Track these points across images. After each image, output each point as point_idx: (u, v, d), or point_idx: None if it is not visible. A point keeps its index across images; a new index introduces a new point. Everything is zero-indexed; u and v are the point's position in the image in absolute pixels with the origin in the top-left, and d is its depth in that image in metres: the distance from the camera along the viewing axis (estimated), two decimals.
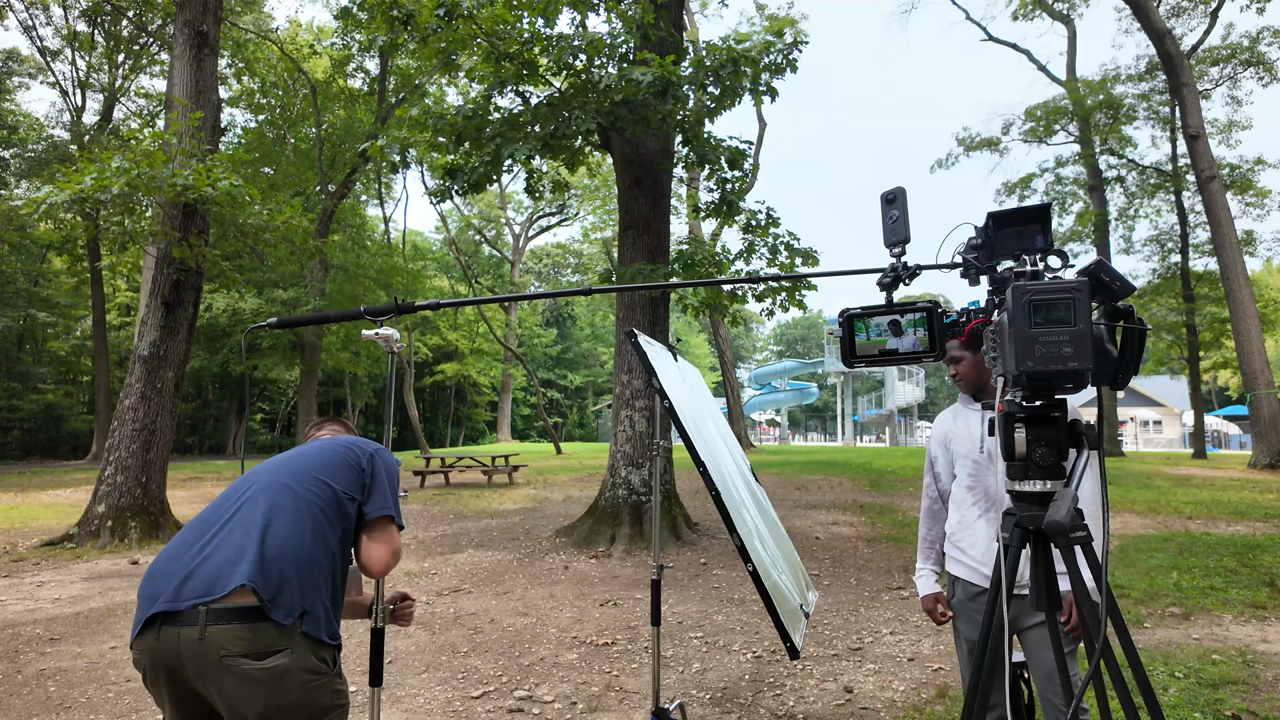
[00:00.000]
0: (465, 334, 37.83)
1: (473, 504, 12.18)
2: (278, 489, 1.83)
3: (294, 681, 1.64)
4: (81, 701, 3.84)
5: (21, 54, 26.82)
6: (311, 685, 1.67)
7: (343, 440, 2.02)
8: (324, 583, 1.75)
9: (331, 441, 2.02)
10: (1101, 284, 1.34)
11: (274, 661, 1.61)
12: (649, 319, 8.75)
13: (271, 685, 1.61)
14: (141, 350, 8.97)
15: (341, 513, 1.85)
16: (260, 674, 1.60)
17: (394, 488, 1.97)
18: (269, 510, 1.77)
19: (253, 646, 1.60)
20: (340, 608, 1.86)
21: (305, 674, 1.66)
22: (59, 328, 30.05)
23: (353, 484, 1.90)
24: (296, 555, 1.72)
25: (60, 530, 8.91)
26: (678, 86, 7.29)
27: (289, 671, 1.63)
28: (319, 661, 1.69)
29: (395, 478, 1.99)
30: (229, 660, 1.60)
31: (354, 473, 1.92)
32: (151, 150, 8.40)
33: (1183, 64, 18.13)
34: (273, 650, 1.62)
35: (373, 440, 2.14)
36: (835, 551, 7.88)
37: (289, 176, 23.56)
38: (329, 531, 1.80)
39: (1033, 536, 1.43)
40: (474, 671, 4.30)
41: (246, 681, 1.60)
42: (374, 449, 2.02)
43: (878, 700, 3.79)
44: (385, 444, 2.16)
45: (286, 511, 1.78)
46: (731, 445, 3.48)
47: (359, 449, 1.99)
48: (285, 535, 1.73)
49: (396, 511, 1.94)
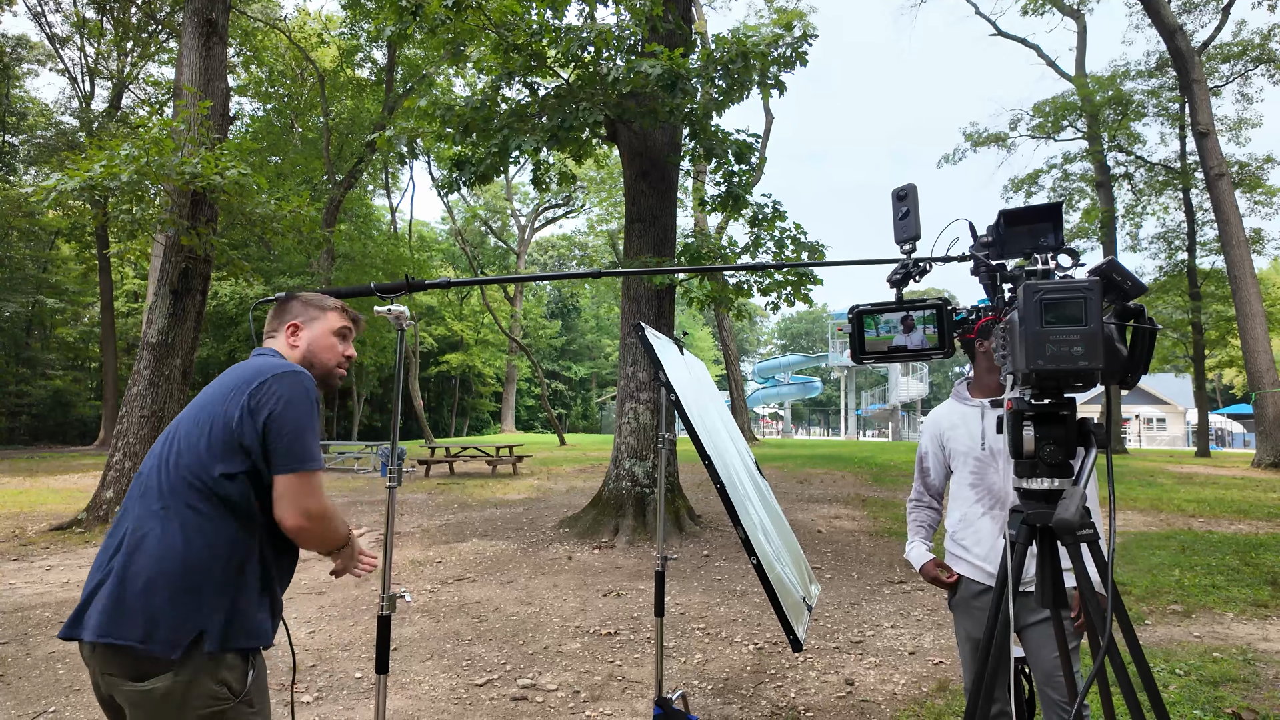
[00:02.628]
0: (471, 324, 37.88)
1: (477, 494, 12.23)
2: (149, 494, 1.59)
3: (179, 705, 1.48)
4: (89, 685, 3.88)
5: (30, 40, 26.88)
6: (208, 713, 1.50)
7: (229, 383, 1.65)
8: (229, 588, 1.55)
9: (215, 392, 1.66)
10: (1113, 283, 1.35)
11: (154, 684, 1.47)
12: (654, 312, 8.75)
13: (154, 709, 1.47)
14: (150, 337, 9.02)
15: (227, 502, 1.57)
16: (139, 697, 1.47)
17: (297, 429, 1.59)
18: (136, 528, 1.55)
19: (133, 671, 1.48)
20: (270, 595, 1.65)
21: (200, 699, 1.49)
22: (67, 314, 30.19)
23: (231, 457, 1.57)
24: (172, 580, 1.50)
25: (69, 515, 8.98)
26: (686, 79, 7.27)
27: (171, 694, 1.47)
28: (218, 685, 1.51)
29: (300, 413, 1.61)
30: (110, 679, 1.50)
31: (227, 442, 1.58)
32: (160, 138, 8.42)
33: (1193, 60, 17.99)
34: (153, 674, 1.47)
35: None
36: (837, 545, 7.90)
37: (296, 166, 23.58)
38: (219, 529, 1.56)
39: (1039, 534, 1.44)
40: (478, 659, 4.33)
41: (130, 703, 1.50)
42: (258, 387, 1.61)
43: (879, 693, 3.81)
44: (393, 432, 2.14)
45: (156, 525, 1.54)
46: (736, 438, 3.50)
47: (238, 398, 1.60)
48: (157, 557, 1.51)
49: (301, 458, 1.58)
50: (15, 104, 26.28)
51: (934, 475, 2.55)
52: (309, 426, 1.62)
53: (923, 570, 2.47)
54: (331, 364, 1.89)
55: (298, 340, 1.86)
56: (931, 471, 2.56)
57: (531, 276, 2.49)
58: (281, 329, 1.87)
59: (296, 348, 1.85)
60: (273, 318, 1.90)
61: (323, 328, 1.88)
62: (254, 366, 1.67)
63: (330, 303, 1.92)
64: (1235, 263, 16.98)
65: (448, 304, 37.08)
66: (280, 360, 1.73)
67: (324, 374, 1.88)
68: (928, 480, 2.57)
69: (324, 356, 1.88)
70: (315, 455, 1.62)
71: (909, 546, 2.57)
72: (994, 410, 2.36)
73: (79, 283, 29.26)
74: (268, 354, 1.79)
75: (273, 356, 1.77)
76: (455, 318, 37.20)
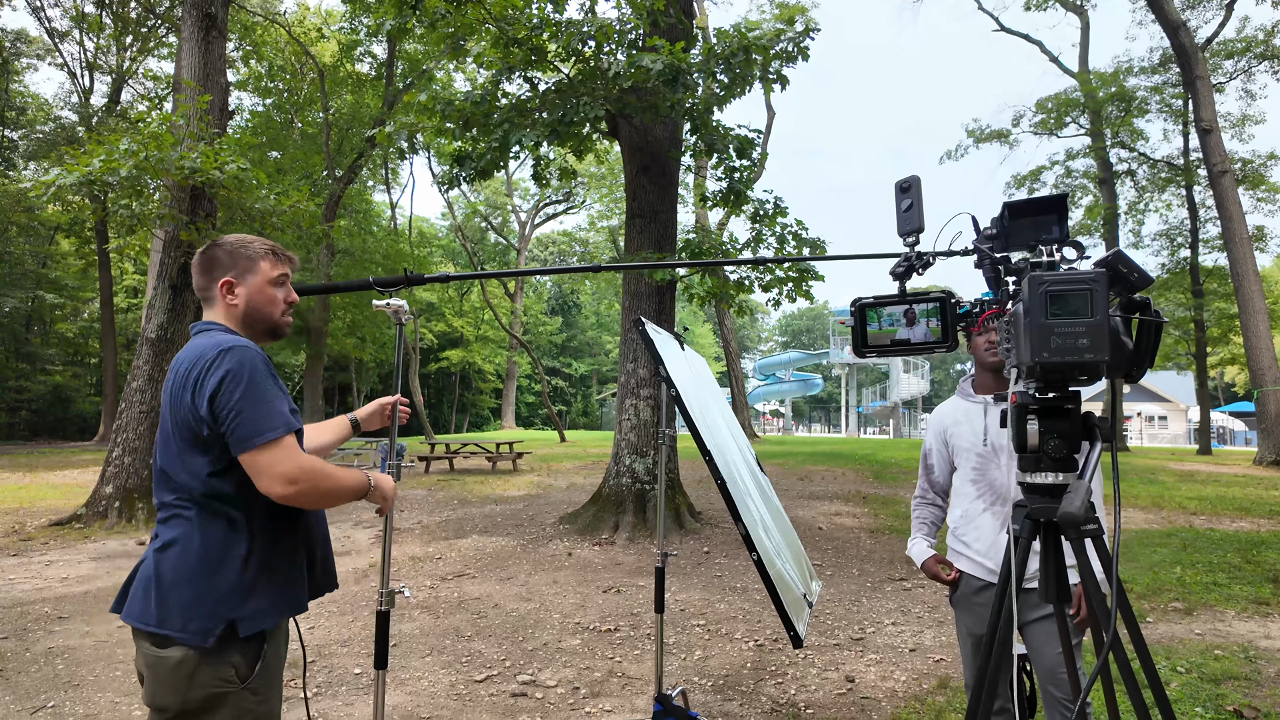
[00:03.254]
0: (471, 321, 37.86)
1: (477, 490, 12.22)
2: (159, 489, 1.65)
3: (189, 676, 1.54)
4: (89, 679, 3.88)
5: (30, 35, 26.84)
6: (213, 693, 1.55)
7: (176, 383, 1.61)
8: (235, 578, 1.58)
9: (168, 398, 1.63)
10: (1119, 275, 1.33)
11: (170, 652, 1.54)
12: (655, 307, 8.73)
13: (167, 675, 1.54)
14: (149, 333, 9.01)
15: (222, 496, 1.59)
16: (155, 660, 1.55)
17: (242, 404, 1.54)
18: (157, 531, 1.64)
19: (157, 639, 1.57)
20: (278, 578, 1.65)
21: (207, 677, 1.55)
22: (67, 309, 30.18)
23: (206, 453, 1.58)
24: (195, 581, 1.56)
25: (68, 511, 8.97)
26: (687, 74, 7.24)
27: (183, 664, 1.54)
28: (225, 668, 1.57)
29: (242, 388, 1.55)
30: (139, 643, 1.60)
31: (193, 441, 1.58)
32: (159, 133, 8.39)
33: (1197, 57, 17.94)
34: (171, 644, 1.55)
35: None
36: (838, 542, 7.89)
37: (296, 161, 23.54)
38: (223, 523, 1.59)
39: (1043, 529, 1.42)
40: (478, 655, 4.32)
41: (146, 665, 1.57)
42: (197, 379, 1.57)
43: (879, 690, 3.80)
44: (392, 428, 2.11)
45: (168, 529, 1.61)
46: (737, 435, 3.48)
47: (183, 396, 1.58)
48: (176, 561, 1.57)
49: (255, 432, 1.54)
50: (15, 99, 26.25)
51: (938, 472, 2.54)
52: (257, 397, 1.56)
53: (924, 566, 2.46)
54: (275, 315, 1.78)
55: (235, 298, 1.73)
56: (936, 468, 2.54)
57: (531, 271, 2.46)
58: (214, 288, 1.73)
59: (235, 306, 1.73)
60: (201, 274, 1.74)
61: (258, 280, 1.75)
62: (190, 357, 1.62)
63: (258, 247, 1.77)
64: (1238, 260, 16.95)
65: (448, 300, 37.06)
66: (214, 338, 1.64)
67: (270, 327, 1.78)
68: (932, 477, 2.56)
69: (266, 310, 1.77)
70: (272, 424, 1.56)
71: (911, 543, 2.56)
72: (997, 406, 2.34)
73: (78, 278, 29.24)
74: (206, 328, 1.70)
75: (211, 332, 1.68)
76: (455, 314, 37.18)
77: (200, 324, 1.73)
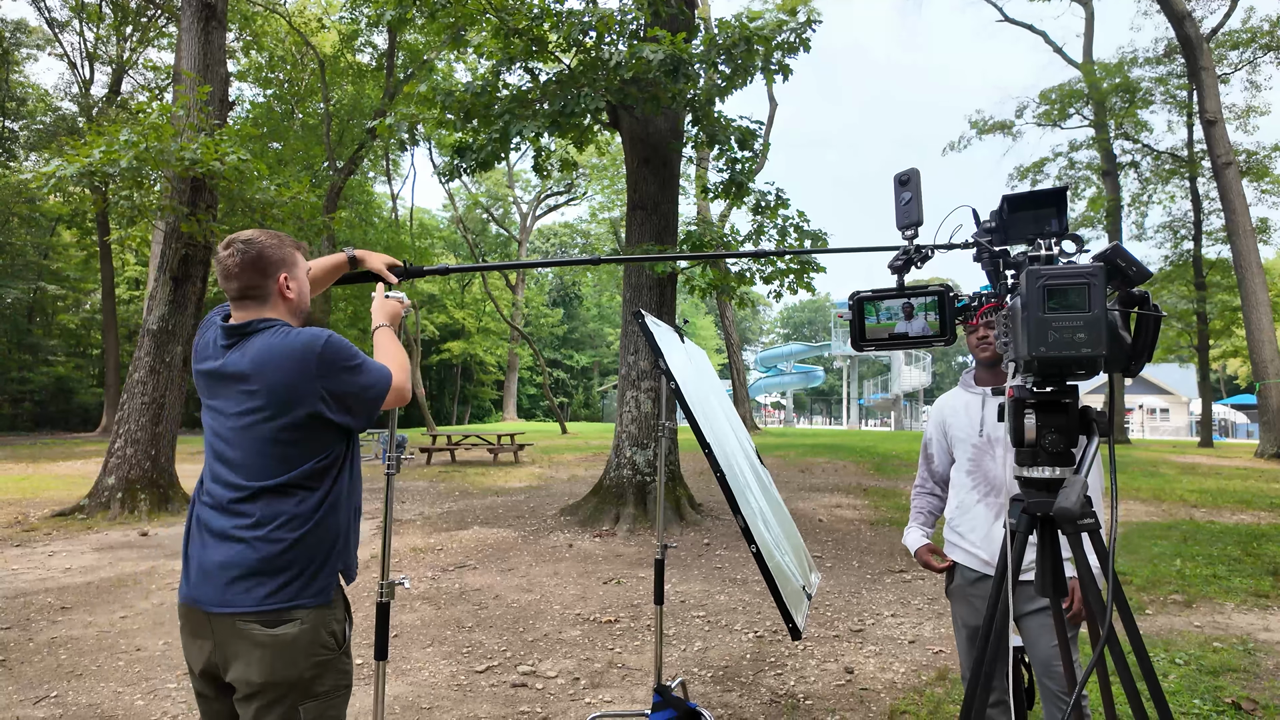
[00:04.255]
0: (472, 313, 37.84)
1: (478, 481, 12.25)
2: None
3: (306, 646, 1.67)
4: (92, 669, 3.90)
5: (29, 25, 26.72)
6: (319, 660, 1.70)
7: (289, 367, 1.67)
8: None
9: (276, 379, 1.67)
10: (1117, 269, 1.32)
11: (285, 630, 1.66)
12: (656, 300, 8.72)
13: (281, 651, 1.65)
14: (150, 324, 9.01)
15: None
16: (269, 640, 1.67)
17: (354, 378, 1.71)
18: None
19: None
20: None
21: (314, 647, 1.69)
22: (69, 301, 30.20)
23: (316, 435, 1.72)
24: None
25: (71, 501, 9.00)
26: (689, 65, 7.20)
27: (299, 639, 1.66)
28: (328, 636, 1.72)
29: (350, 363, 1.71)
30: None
31: (309, 425, 1.69)
32: (159, 124, 8.37)
33: (1202, 47, 17.82)
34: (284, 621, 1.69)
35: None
36: (838, 534, 7.91)
37: (297, 152, 23.47)
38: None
39: (1040, 523, 1.42)
40: (478, 646, 4.34)
41: (257, 644, 1.68)
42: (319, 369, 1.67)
43: (878, 681, 3.82)
44: (392, 420, 2.14)
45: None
46: (737, 427, 3.48)
47: (310, 385, 1.66)
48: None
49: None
50: (15, 89, 26.17)
51: (938, 462, 2.55)
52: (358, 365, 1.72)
53: (916, 555, 2.49)
54: (308, 301, 1.89)
55: (291, 292, 1.80)
56: (935, 458, 2.55)
57: (531, 264, 2.46)
58: (272, 284, 1.76)
59: (292, 300, 1.80)
60: (254, 274, 1.74)
61: (301, 274, 1.85)
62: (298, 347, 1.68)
63: (289, 241, 1.84)
64: (1241, 252, 16.89)
65: (449, 292, 37.02)
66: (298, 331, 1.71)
67: (308, 315, 1.89)
68: (932, 466, 2.57)
69: (307, 299, 1.88)
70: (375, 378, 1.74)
71: (907, 531, 2.57)
72: (995, 398, 2.34)
73: (80, 269, 29.24)
74: (270, 325, 1.72)
75: (278, 326, 1.71)
76: (457, 306, 37.16)
77: (264, 320, 1.73)
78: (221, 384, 1.70)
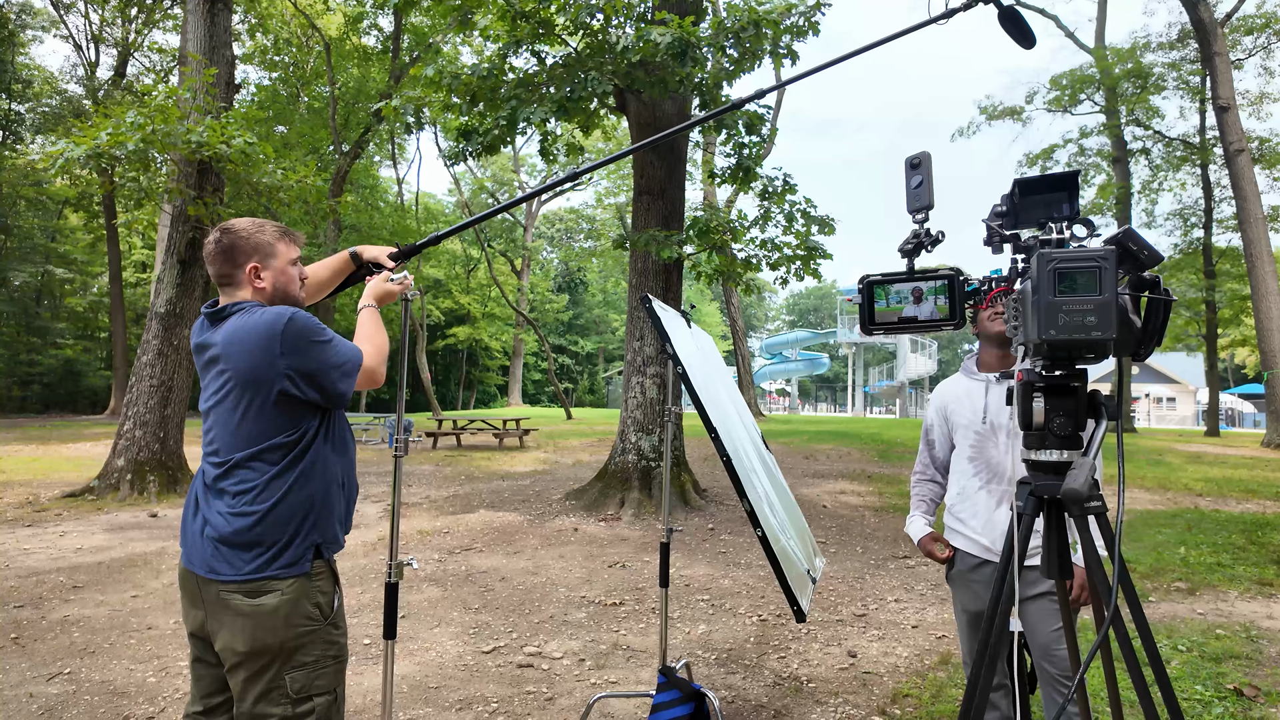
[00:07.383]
0: (478, 298, 37.84)
1: (484, 466, 12.31)
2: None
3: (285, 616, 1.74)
4: (105, 647, 3.96)
5: (35, 7, 26.64)
6: (302, 631, 1.76)
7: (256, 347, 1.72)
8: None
9: (244, 360, 1.73)
10: (1129, 253, 1.32)
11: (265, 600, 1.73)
12: (661, 285, 8.71)
13: (262, 620, 1.70)
14: (158, 307, 9.05)
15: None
16: (250, 609, 1.73)
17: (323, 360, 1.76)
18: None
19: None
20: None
21: (298, 618, 1.74)
22: (76, 284, 30.31)
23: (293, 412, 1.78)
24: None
25: (81, 483, 9.09)
26: (697, 48, 7.15)
27: (278, 609, 1.72)
28: (312, 607, 1.78)
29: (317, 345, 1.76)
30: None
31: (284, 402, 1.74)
32: (165, 106, 8.36)
33: (1216, 32, 17.60)
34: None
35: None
36: (842, 520, 7.93)
37: (303, 135, 23.44)
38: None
39: (1047, 506, 1.43)
40: (485, 627, 4.39)
41: (239, 614, 1.77)
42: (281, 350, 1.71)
43: (881, 665, 3.84)
44: (399, 404, 2.14)
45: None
46: (743, 413, 3.49)
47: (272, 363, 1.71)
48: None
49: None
50: (20, 71, 26.13)
51: (939, 448, 2.54)
52: (325, 343, 1.76)
53: (920, 544, 2.48)
54: (296, 293, 1.91)
55: (263, 282, 1.84)
56: (936, 444, 2.54)
57: (514, 201, 2.36)
58: (240, 273, 1.82)
59: (264, 289, 1.84)
60: (223, 262, 1.81)
61: (279, 263, 1.86)
62: (259, 328, 1.71)
63: (272, 231, 1.86)
64: (1252, 240, 16.77)
65: (455, 277, 37.02)
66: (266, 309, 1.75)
67: (292, 302, 1.89)
68: (933, 453, 2.56)
69: (290, 290, 1.89)
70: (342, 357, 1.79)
71: (909, 520, 2.57)
72: (999, 385, 2.34)
73: (87, 252, 29.32)
74: (242, 307, 1.77)
75: (249, 308, 1.76)
76: (462, 291, 37.15)
77: (237, 303, 1.80)
78: (204, 364, 1.80)
